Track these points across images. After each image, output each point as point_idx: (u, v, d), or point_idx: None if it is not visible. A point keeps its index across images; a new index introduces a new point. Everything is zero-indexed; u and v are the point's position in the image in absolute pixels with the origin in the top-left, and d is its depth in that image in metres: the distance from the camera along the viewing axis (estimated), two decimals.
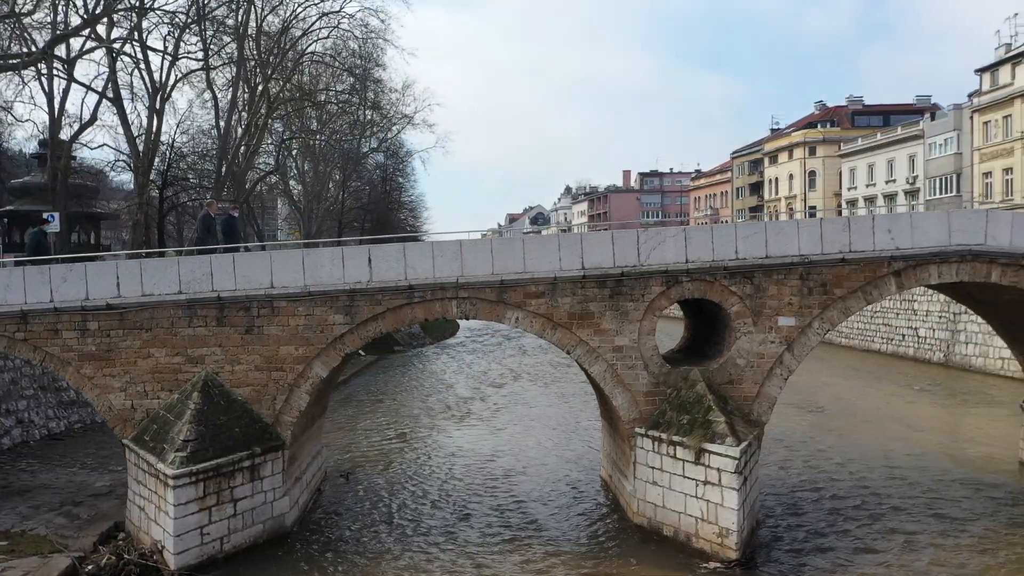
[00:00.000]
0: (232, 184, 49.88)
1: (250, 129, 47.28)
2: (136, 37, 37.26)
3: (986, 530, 16.55)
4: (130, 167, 43.63)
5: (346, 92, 58.71)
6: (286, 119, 55.15)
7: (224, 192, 50.42)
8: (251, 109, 47.51)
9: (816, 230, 16.81)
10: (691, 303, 18.71)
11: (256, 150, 48.96)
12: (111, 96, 38.28)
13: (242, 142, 47.56)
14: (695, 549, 15.12)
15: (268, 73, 45.37)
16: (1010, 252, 16.85)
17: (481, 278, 16.46)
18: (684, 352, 19.82)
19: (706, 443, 14.90)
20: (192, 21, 40.59)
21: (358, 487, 20.39)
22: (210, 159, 48.28)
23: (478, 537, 16.73)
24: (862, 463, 21.69)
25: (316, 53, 50.79)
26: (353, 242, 31.86)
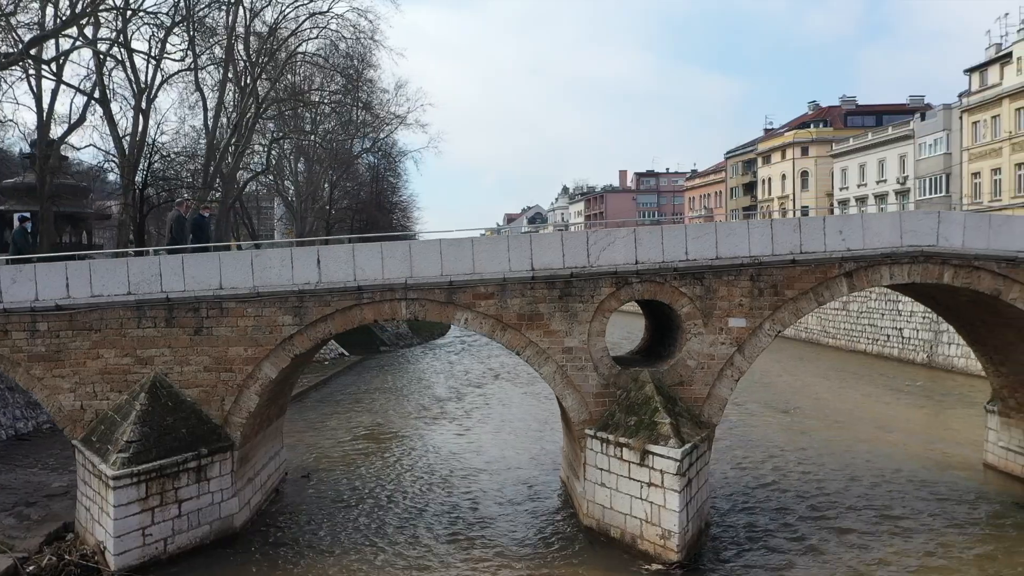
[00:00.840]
0: (221, 184, 49.99)
1: (238, 129, 47.34)
2: (119, 39, 37.32)
3: (936, 531, 16.50)
4: (117, 167, 43.68)
5: (336, 92, 58.83)
6: (278, 119, 55.15)
7: (213, 192, 50.53)
8: (240, 109, 47.62)
9: (767, 231, 16.77)
10: (650, 305, 18.70)
11: (244, 150, 48.89)
12: (97, 97, 38.39)
13: (230, 142, 47.61)
14: (640, 551, 15.09)
15: (256, 73, 45.39)
16: (962, 253, 16.79)
17: (430, 279, 16.45)
18: (643, 353, 19.79)
19: (650, 445, 14.88)
20: (177, 22, 40.71)
21: (319, 487, 20.41)
22: (198, 159, 48.25)
23: (429, 536, 16.75)
24: (824, 464, 21.66)
25: (305, 54, 50.84)
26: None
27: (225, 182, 49.52)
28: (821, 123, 74.36)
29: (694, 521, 15.36)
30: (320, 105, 58.36)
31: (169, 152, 51.56)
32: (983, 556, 15.38)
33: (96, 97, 38.30)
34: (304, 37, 49.21)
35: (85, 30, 36.07)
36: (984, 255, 16.79)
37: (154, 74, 40.36)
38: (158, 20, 39.54)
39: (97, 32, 37.57)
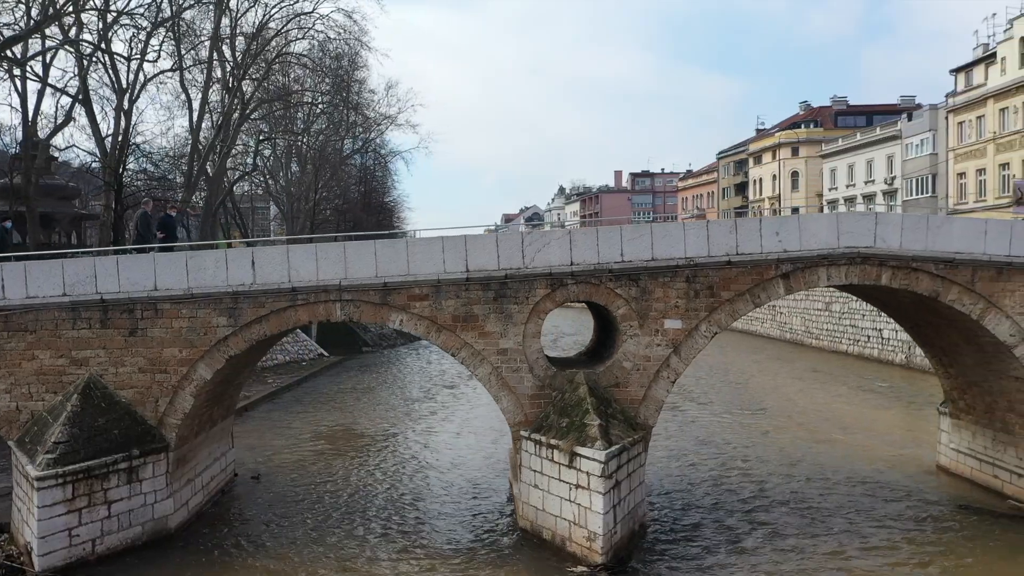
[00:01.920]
0: (206, 184, 50.06)
1: (222, 130, 47.42)
2: (100, 40, 37.39)
3: (873, 534, 16.45)
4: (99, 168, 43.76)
5: (324, 93, 58.90)
6: (267, 119, 55.18)
7: (199, 192, 50.55)
8: (225, 109, 47.71)
9: (703, 232, 16.73)
10: (596, 306, 18.66)
11: (230, 151, 48.93)
12: (80, 97, 38.50)
13: (214, 142, 47.69)
14: (568, 553, 15.07)
15: (241, 74, 45.44)
16: (900, 255, 16.74)
17: (365, 280, 16.45)
18: (589, 354, 19.76)
19: (577, 447, 14.86)
20: (159, 23, 40.80)
21: (269, 488, 20.41)
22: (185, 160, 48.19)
23: (365, 536, 16.77)
24: (777, 466, 21.63)
25: (292, 55, 50.87)
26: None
27: (210, 182, 49.63)
28: (812, 123, 74.28)
29: (624, 523, 15.33)
30: (307, 106, 58.49)
31: (151, 152, 51.75)
32: (916, 558, 15.32)
33: (79, 98, 38.46)
34: (290, 38, 49.27)
35: (68, 31, 36.32)
36: (922, 256, 16.74)
37: (136, 75, 40.50)
38: (137, 22, 39.70)
39: (80, 33, 37.73)
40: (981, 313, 16.93)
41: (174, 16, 41.88)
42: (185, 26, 42.45)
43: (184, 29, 42.34)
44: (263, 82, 50.60)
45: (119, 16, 38.39)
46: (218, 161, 48.98)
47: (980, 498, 18.69)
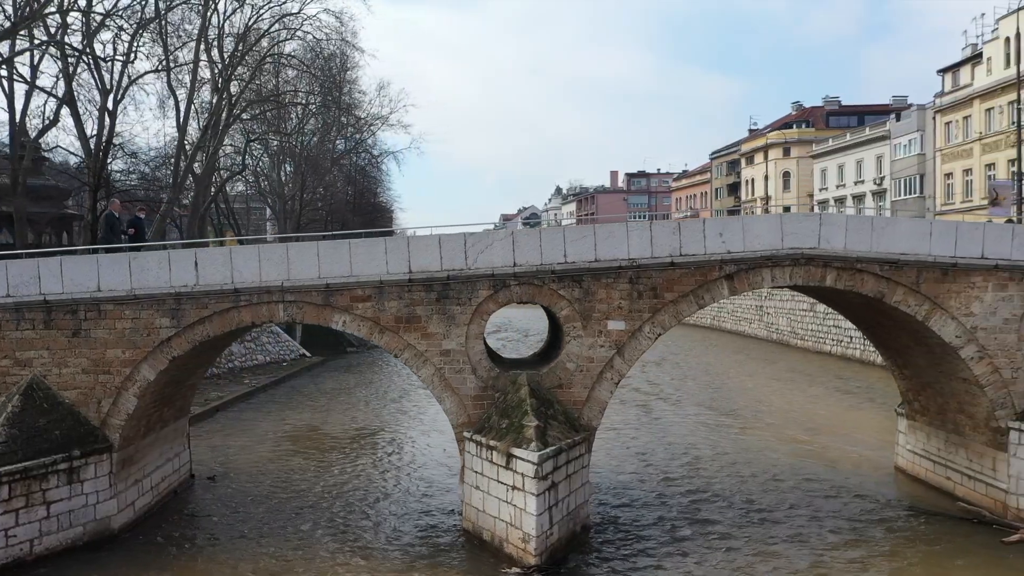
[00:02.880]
0: (194, 184, 50.10)
1: (208, 130, 47.50)
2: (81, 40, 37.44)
3: (822, 536, 16.43)
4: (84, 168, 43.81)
5: (313, 94, 58.97)
6: (257, 120, 55.21)
7: (186, 192, 50.52)
8: (211, 110, 47.79)
9: (646, 234, 16.70)
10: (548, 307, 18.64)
11: (217, 151, 48.95)
12: (65, 98, 38.61)
13: (200, 143, 47.77)
14: (506, 554, 15.06)
15: (227, 75, 45.47)
16: (844, 256, 16.71)
17: (307, 281, 16.47)
18: (541, 355, 19.75)
19: (513, 448, 14.85)
20: (143, 24, 40.89)
21: (224, 489, 20.45)
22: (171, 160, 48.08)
23: (310, 536, 16.79)
24: (737, 467, 21.60)
25: (279, 55, 50.90)
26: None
27: (198, 183, 49.68)
28: (803, 124, 74.14)
29: (563, 524, 15.32)
30: (296, 106, 58.57)
31: (137, 152, 51.81)
32: (856, 559, 15.28)
33: (63, 98, 38.58)
34: (277, 39, 49.33)
35: (56, 32, 36.49)
36: (867, 257, 16.71)
37: (120, 76, 40.59)
38: (120, 24, 39.79)
39: (65, 33, 37.85)
40: (927, 314, 16.89)
41: (159, 16, 42.01)
42: (171, 27, 42.55)
43: (170, 30, 42.47)
44: (250, 83, 50.72)
45: (105, 19, 38.56)
46: (206, 161, 49.09)
47: (932, 500, 18.66)
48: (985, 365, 16.90)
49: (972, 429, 17.89)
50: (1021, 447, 16.69)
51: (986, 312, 16.86)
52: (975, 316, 16.86)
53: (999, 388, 16.93)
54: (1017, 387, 16.95)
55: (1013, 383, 16.94)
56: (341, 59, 62.55)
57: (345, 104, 65.21)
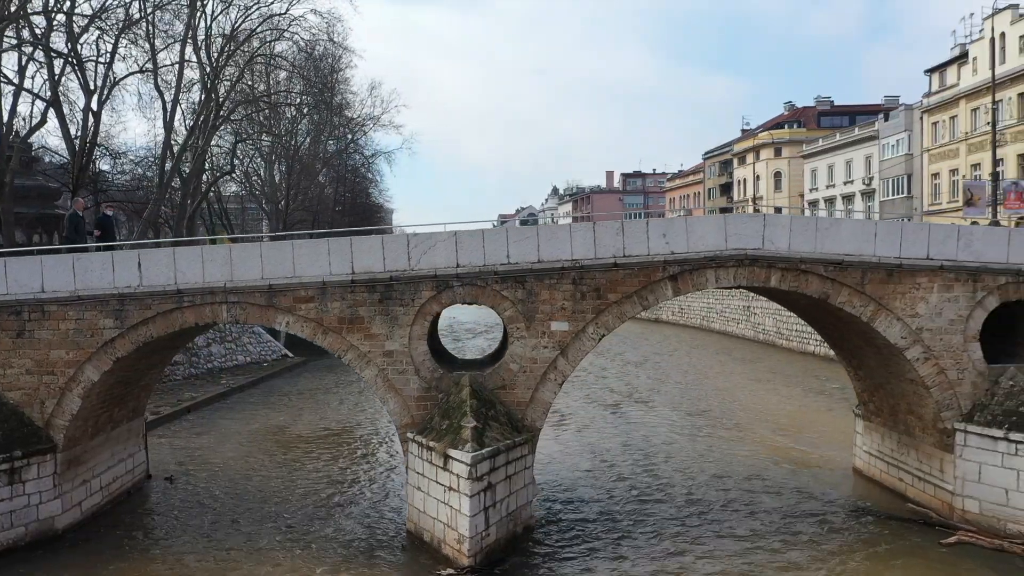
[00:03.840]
0: (180, 185, 50.16)
1: (194, 131, 47.60)
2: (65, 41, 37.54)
3: (764, 537, 16.42)
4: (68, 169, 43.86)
5: (299, 94, 59.04)
6: (247, 120, 55.26)
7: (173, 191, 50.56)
8: (197, 110, 47.88)
9: (590, 235, 16.69)
10: None
11: (204, 152, 49.00)
12: (49, 98, 38.74)
13: (186, 144, 47.86)
14: (443, 555, 15.08)
15: (214, 75, 45.51)
16: (788, 257, 16.68)
17: (250, 283, 16.50)
18: (494, 356, 19.74)
19: (450, 449, 14.86)
20: (128, 25, 41.01)
21: (180, 489, 20.48)
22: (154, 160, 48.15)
23: (260, 536, 16.84)
24: (696, 468, 21.59)
25: (266, 56, 50.94)
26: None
27: (185, 183, 49.74)
28: (795, 124, 74.01)
29: (501, 525, 15.33)
30: (285, 107, 58.64)
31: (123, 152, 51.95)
32: (799, 560, 15.26)
33: (48, 99, 38.70)
34: (265, 39, 49.38)
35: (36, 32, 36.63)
36: (811, 258, 16.68)
37: (105, 76, 40.69)
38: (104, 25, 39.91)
39: (50, 34, 37.99)
40: (872, 315, 16.86)
41: (144, 17, 42.11)
42: (156, 28, 42.64)
43: (155, 31, 42.57)
44: (237, 83, 50.80)
45: (90, 23, 38.74)
46: (193, 162, 49.17)
47: (885, 501, 18.64)
48: (931, 366, 16.86)
49: (921, 430, 17.85)
50: (967, 448, 16.64)
51: (932, 313, 16.82)
52: (921, 317, 16.81)
53: (945, 389, 16.89)
54: (963, 388, 16.90)
55: (959, 384, 16.89)
56: (332, 59, 62.70)
57: (336, 105, 65.34)
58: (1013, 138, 46.85)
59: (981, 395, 16.85)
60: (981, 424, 16.44)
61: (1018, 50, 46.16)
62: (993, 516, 16.10)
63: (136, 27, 42.03)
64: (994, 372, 16.95)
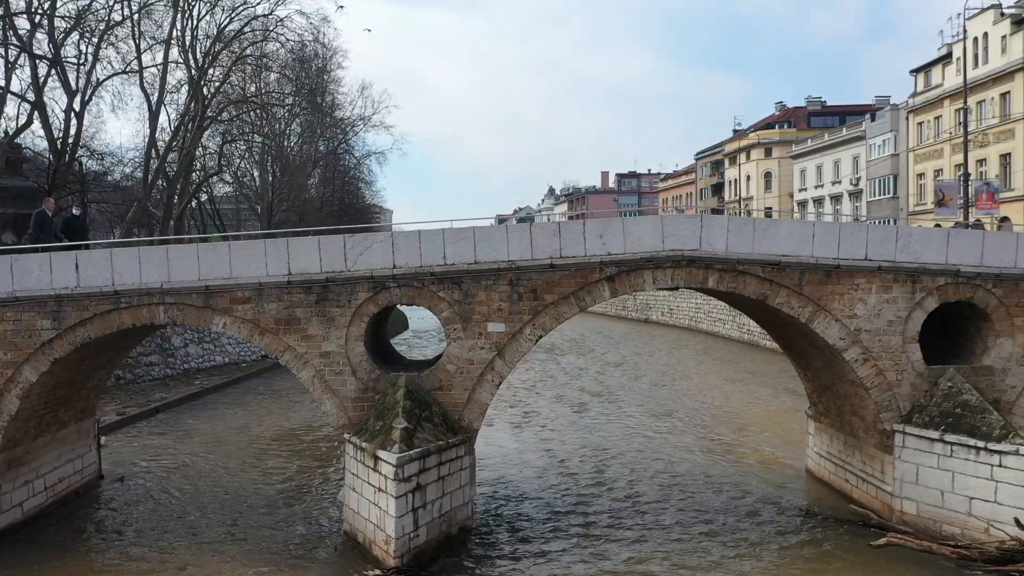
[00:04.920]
0: (166, 185, 50.28)
1: (180, 131, 47.72)
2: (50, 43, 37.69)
3: (705, 537, 16.40)
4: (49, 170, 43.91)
5: (286, 95, 59.14)
6: (235, 121, 55.35)
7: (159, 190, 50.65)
8: (183, 111, 48.03)
9: (526, 236, 16.70)
10: None
11: (191, 152, 49.07)
12: (32, 100, 38.91)
13: (172, 143, 48.00)
14: (373, 556, 15.10)
15: (199, 76, 45.61)
16: (726, 258, 16.66)
17: (187, 284, 16.53)
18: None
19: (378, 450, 14.88)
20: (110, 27, 41.17)
21: (134, 490, 20.51)
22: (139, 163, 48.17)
23: (199, 536, 16.85)
24: (649, 469, 21.55)
25: (256, 57, 51.04)
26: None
27: (171, 183, 49.84)
28: (785, 124, 73.90)
29: (432, 526, 15.34)
30: (273, 107, 58.73)
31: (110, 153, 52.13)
32: (735, 561, 15.24)
33: (33, 101, 38.87)
34: (251, 40, 49.49)
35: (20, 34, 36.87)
36: (748, 259, 16.67)
37: (88, 77, 40.83)
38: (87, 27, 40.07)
39: (32, 36, 38.17)
40: (810, 316, 16.84)
41: (126, 18, 42.26)
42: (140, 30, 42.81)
43: (140, 32, 42.74)
44: (224, 84, 50.92)
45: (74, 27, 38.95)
46: (179, 162, 49.28)
47: (832, 502, 18.62)
48: (870, 367, 16.83)
49: (864, 431, 17.83)
50: (905, 450, 16.61)
51: (870, 314, 16.79)
52: (859, 318, 16.79)
53: (884, 390, 16.86)
54: (902, 389, 16.87)
55: (898, 385, 16.87)
56: (321, 60, 62.78)
57: (327, 105, 65.41)
58: (996, 138, 46.72)
59: (920, 396, 16.82)
60: (919, 425, 16.42)
61: (1000, 50, 46.01)
62: (930, 518, 16.07)
63: (119, 28, 42.25)
64: (933, 373, 16.91)
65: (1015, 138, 44.58)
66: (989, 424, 15.46)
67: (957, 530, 15.55)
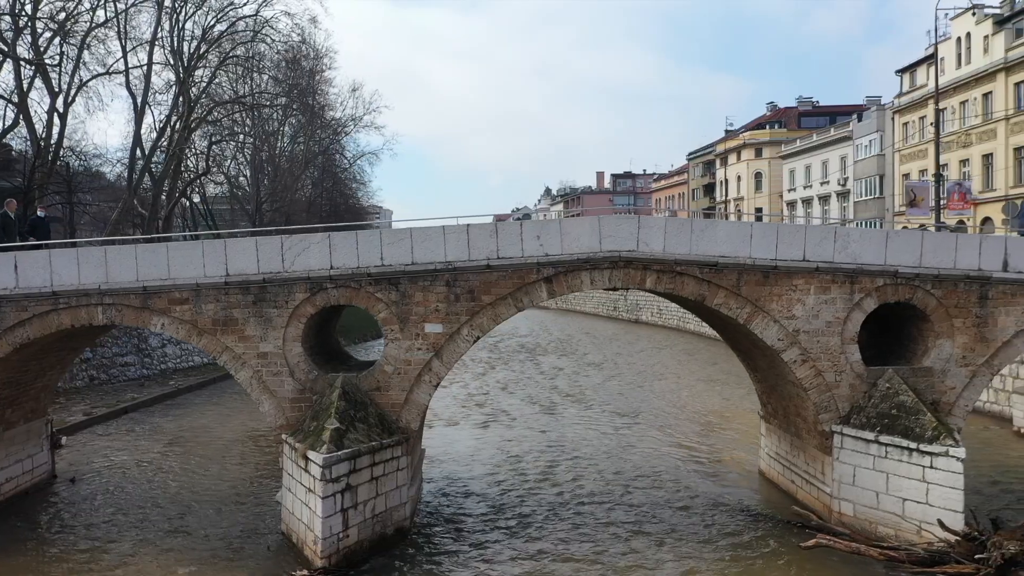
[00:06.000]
0: (153, 185, 50.40)
1: (165, 131, 47.87)
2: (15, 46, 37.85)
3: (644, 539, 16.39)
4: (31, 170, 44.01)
5: (273, 95, 59.24)
6: (223, 122, 55.45)
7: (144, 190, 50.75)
8: (169, 112, 48.17)
9: (463, 237, 16.71)
10: None
11: (179, 153, 49.17)
12: (15, 101, 39.09)
13: (157, 144, 48.13)
14: (304, 556, 15.13)
15: (184, 77, 45.73)
16: (663, 259, 16.66)
17: (125, 284, 16.58)
18: None
19: (308, 451, 14.91)
20: (93, 28, 41.33)
21: (84, 491, 20.54)
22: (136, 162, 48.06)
23: (140, 536, 16.85)
24: (600, 468, 21.58)
25: (245, 58, 51.11)
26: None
27: (157, 183, 49.96)
28: (776, 124, 73.79)
29: (364, 527, 15.34)
30: (263, 108, 58.84)
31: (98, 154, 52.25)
32: (660, 559, 15.25)
33: (14, 101, 39.04)
34: (236, 41, 49.57)
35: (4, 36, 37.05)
36: (686, 260, 16.65)
37: (71, 77, 40.97)
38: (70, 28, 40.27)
39: (17, 38, 38.36)
40: (748, 317, 16.82)
41: (110, 19, 42.41)
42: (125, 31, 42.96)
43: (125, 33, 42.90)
44: (209, 85, 51.04)
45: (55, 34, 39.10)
46: (165, 163, 49.39)
47: (778, 503, 18.59)
48: (808, 368, 16.81)
49: (807, 432, 17.81)
50: (843, 451, 16.59)
51: (808, 315, 16.77)
52: (797, 319, 16.77)
53: (823, 391, 16.84)
54: (841, 390, 16.84)
55: (837, 386, 16.84)
56: (310, 61, 62.85)
57: (317, 106, 65.49)
58: (979, 138, 46.63)
59: (860, 397, 16.80)
60: (856, 427, 16.40)
61: (983, 50, 45.92)
62: (866, 519, 16.05)
63: (103, 29, 42.39)
64: (872, 374, 16.88)
65: (996, 138, 44.49)
66: (922, 425, 15.43)
67: (891, 531, 15.53)
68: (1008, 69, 43.31)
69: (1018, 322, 16.89)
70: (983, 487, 19.50)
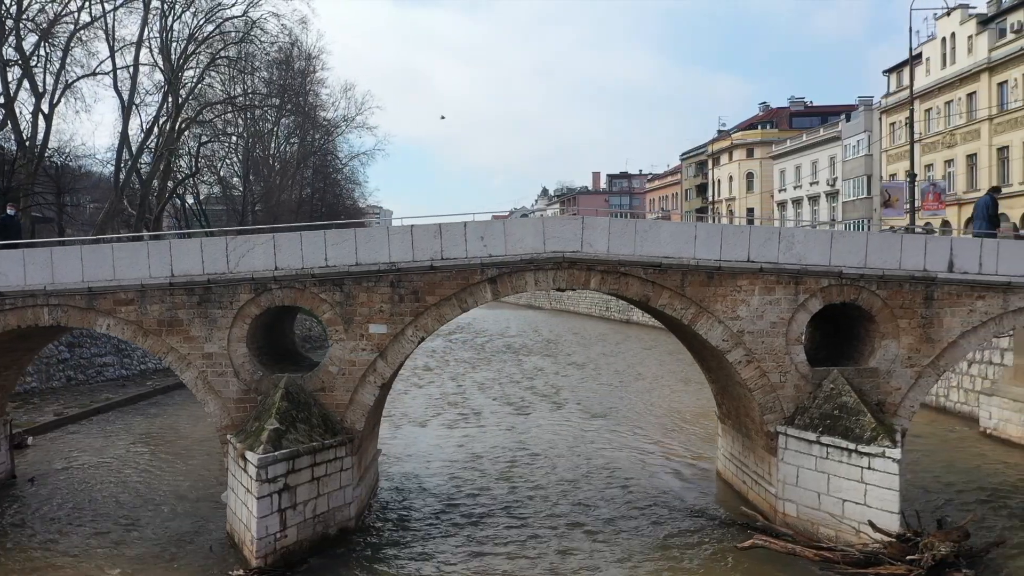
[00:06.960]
0: (140, 186, 50.52)
1: (152, 132, 48.01)
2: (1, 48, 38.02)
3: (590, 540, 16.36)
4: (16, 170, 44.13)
5: (262, 95, 59.38)
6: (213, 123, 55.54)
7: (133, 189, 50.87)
8: (156, 113, 48.34)
9: (407, 237, 16.75)
10: None
11: (168, 153, 49.28)
12: (5, 103, 39.29)
13: (144, 144, 48.28)
14: (243, 556, 15.17)
15: (172, 77, 45.84)
16: (607, 259, 16.67)
17: (71, 285, 16.65)
18: None
19: (246, 451, 14.96)
20: (79, 29, 41.51)
21: (42, 491, 20.59)
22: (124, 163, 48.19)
23: (92, 535, 16.89)
24: (560, 468, 21.59)
25: (229, 59, 51.22)
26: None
27: (145, 184, 50.08)
28: (768, 124, 73.71)
29: (303, 528, 15.38)
30: (252, 109, 58.96)
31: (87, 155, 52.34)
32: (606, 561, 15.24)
33: (4, 104, 39.22)
34: (225, 41, 49.68)
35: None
36: (630, 261, 16.67)
37: (56, 79, 41.14)
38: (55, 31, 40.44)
39: (4, 40, 38.55)
40: (693, 318, 16.83)
41: (95, 20, 42.58)
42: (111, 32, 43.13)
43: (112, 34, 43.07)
44: (197, 85, 51.15)
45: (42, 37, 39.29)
46: (153, 163, 49.53)
47: (731, 504, 18.57)
48: (753, 369, 16.81)
49: (755, 433, 17.81)
50: (787, 451, 16.59)
51: (753, 316, 16.76)
52: (742, 320, 16.76)
53: (768, 392, 16.84)
54: (786, 391, 16.84)
55: (782, 387, 16.83)
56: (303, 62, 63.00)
57: (309, 107, 65.62)
58: (963, 139, 46.55)
59: (805, 398, 16.78)
60: (799, 427, 16.39)
61: (967, 50, 45.85)
62: (808, 520, 16.05)
63: (89, 29, 42.55)
64: (818, 375, 16.88)
65: (980, 138, 44.41)
66: (862, 426, 15.41)
67: (832, 532, 15.52)
68: (991, 69, 43.24)
69: (964, 323, 16.86)
70: (940, 488, 19.54)
